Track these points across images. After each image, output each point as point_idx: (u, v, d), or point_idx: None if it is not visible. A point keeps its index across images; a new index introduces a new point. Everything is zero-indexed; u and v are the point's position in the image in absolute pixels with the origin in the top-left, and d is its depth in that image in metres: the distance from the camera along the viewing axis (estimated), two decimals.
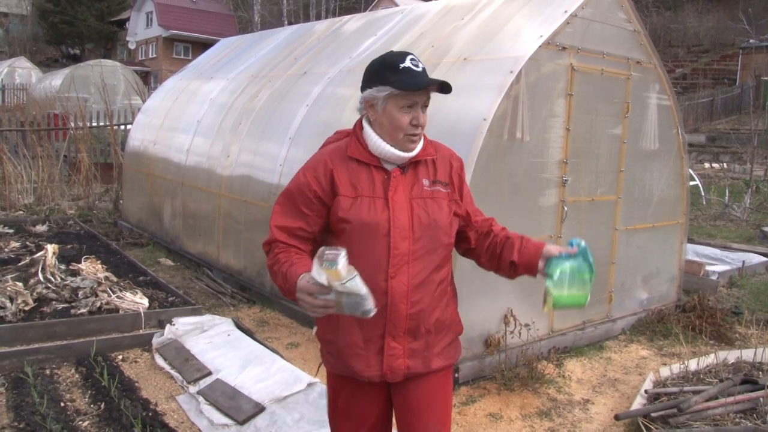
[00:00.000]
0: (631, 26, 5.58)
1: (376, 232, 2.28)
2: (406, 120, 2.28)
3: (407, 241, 2.29)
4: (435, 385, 2.44)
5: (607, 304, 5.77)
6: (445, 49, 5.47)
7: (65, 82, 23.59)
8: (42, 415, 3.86)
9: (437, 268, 2.37)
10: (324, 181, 2.34)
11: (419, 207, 2.33)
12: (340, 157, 2.38)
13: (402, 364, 2.34)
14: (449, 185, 2.43)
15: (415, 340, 2.35)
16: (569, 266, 2.30)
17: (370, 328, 2.31)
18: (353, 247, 2.26)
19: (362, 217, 2.29)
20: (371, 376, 2.36)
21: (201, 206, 7.54)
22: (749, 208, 12.36)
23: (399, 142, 2.31)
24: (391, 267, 2.28)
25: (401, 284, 2.29)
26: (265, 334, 5.47)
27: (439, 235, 2.36)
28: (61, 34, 46.33)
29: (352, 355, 2.37)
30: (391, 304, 2.29)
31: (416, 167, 2.38)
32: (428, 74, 2.30)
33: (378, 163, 2.36)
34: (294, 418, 3.90)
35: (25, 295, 5.45)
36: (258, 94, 7.27)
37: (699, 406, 3.96)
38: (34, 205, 10.73)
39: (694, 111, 27.66)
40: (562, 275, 2.30)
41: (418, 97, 2.28)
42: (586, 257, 2.30)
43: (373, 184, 2.33)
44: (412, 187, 2.35)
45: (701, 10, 37.98)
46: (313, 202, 2.34)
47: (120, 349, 5.01)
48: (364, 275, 2.13)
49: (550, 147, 5.04)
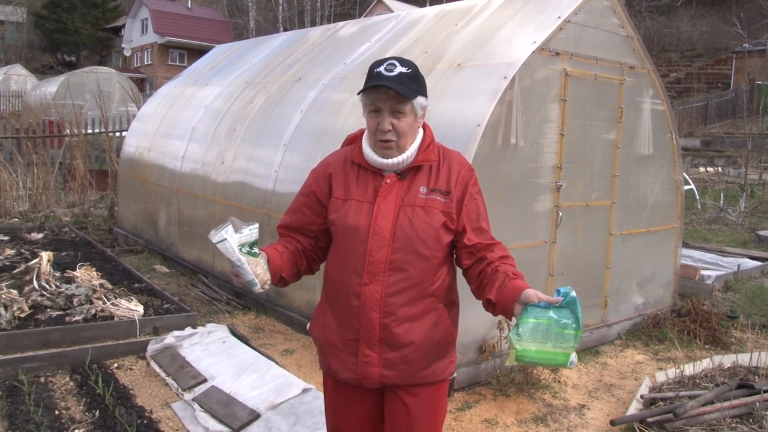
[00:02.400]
0: (625, 31, 5.60)
1: (356, 237, 2.28)
2: (373, 125, 2.28)
3: (384, 250, 2.25)
4: (423, 400, 2.38)
5: (603, 309, 5.78)
6: (439, 55, 5.48)
7: (61, 89, 23.59)
8: (36, 424, 3.84)
9: (423, 281, 2.29)
10: (323, 183, 2.41)
11: (405, 216, 2.27)
12: (342, 160, 2.42)
13: (376, 372, 2.31)
14: (449, 195, 2.32)
15: (391, 351, 2.30)
16: (545, 318, 2.05)
17: (347, 331, 2.33)
18: (339, 248, 2.36)
19: (347, 220, 2.31)
20: (347, 378, 2.37)
21: (196, 213, 7.53)
22: (744, 212, 12.40)
23: (375, 147, 2.31)
24: (365, 274, 2.26)
25: (374, 292, 2.26)
26: (261, 341, 5.46)
27: (420, 247, 2.26)
28: (56, 42, 46.31)
29: (331, 355, 2.41)
30: (363, 311, 2.27)
31: (416, 173, 2.33)
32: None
33: (375, 168, 2.34)
34: (289, 423, 3.90)
35: (19, 303, 5.43)
36: (253, 100, 7.27)
37: (695, 411, 3.96)
38: (29, 213, 10.70)
39: (688, 115, 27.75)
40: (534, 327, 2.05)
41: (381, 103, 2.23)
42: (575, 310, 2.04)
43: (367, 189, 2.33)
44: (406, 194, 2.30)
45: (695, 14, 38.15)
46: (313, 203, 2.43)
47: (115, 356, 4.99)
48: (342, 276, 2.33)
49: (545, 152, 5.05)
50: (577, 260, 5.44)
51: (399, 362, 2.31)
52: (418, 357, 2.32)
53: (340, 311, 2.35)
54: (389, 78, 2.20)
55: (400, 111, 2.24)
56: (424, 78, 2.36)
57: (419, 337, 2.31)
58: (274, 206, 6.09)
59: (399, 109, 2.24)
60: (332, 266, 2.42)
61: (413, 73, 2.27)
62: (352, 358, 2.33)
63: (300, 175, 5.89)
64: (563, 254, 5.29)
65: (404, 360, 2.31)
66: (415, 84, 2.26)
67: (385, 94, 2.22)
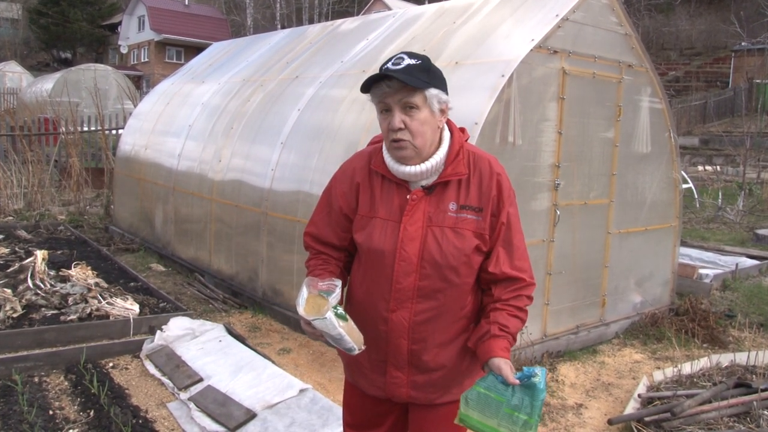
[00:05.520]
0: (623, 29, 5.58)
1: (382, 261, 2.11)
2: (384, 126, 2.08)
3: (412, 276, 2.08)
4: (448, 410, 2.20)
5: (601, 308, 5.76)
6: (437, 53, 5.45)
7: (57, 86, 23.55)
8: (30, 424, 3.81)
9: (453, 308, 2.14)
10: (351, 198, 2.22)
11: (434, 238, 2.07)
12: (368, 168, 2.22)
13: (404, 393, 2.21)
14: (482, 211, 2.10)
15: (420, 374, 2.18)
16: (496, 394, 1.94)
17: (375, 352, 2.19)
18: (364, 268, 2.20)
19: (371, 241, 2.13)
20: (375, 395, 2.29)
21: (192, 211, 7.50)
22: (742, 211, 12.40)
23: (389, 151, 2.12)
24: (392, 301, 2.11)
25: (402, 320, 2.12)
26: (257, 340, 5.43)
27: (450, 275, 2.08)
28: (52, 38, 46.12)
29: (357, 372, 2.32)
30: (391, 337, 2.15)
31: (445, 187, 2.11)
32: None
33: (400, 180, 2.13)
34: (285, 423, 3.88)
35: (13, 302, 5.40)
36: (250, 98, 7.24)
37: (692, 410, 3.95)
38: (24, 211, 10.65)
39: (686, 114, 27.79)
40: (483, 398, 1.95)
41: (389, 99, 2.03)
42: (533, 397, 1.90)
43: (392, 205, 2.13)
44: (434, 212, 2.09)
45: (693, 13, 38.16)
46: (341, 219, 2.26)
47: (110, 355, 4.96)
48: (369, 300, 2.15)
49: (543, 151, 5.03)
50: (575, 259, 5.42)
51: (428, 385, 2.20)
52: (447, 380, 2.20)
53: (367, 333, 2.13)
54: (395, 70, 1.99)
55: (410, 105, 2.01)
56: (441, 72, 2.13)
57: (450, 361, 2.19)
58: (270, 205, 6.06)
59: (409, 103, 2.01)
60: (357, 285, 2.26)
61: (423, 65, 2.05)
62: (381, 378, 2.23)
63: (297, 173, 5.86)
64: (561, 253, 5.28)
65: (432, 384, 2.20)
66: (426, 75, 2.03)
67: (391, 87, 2.00)
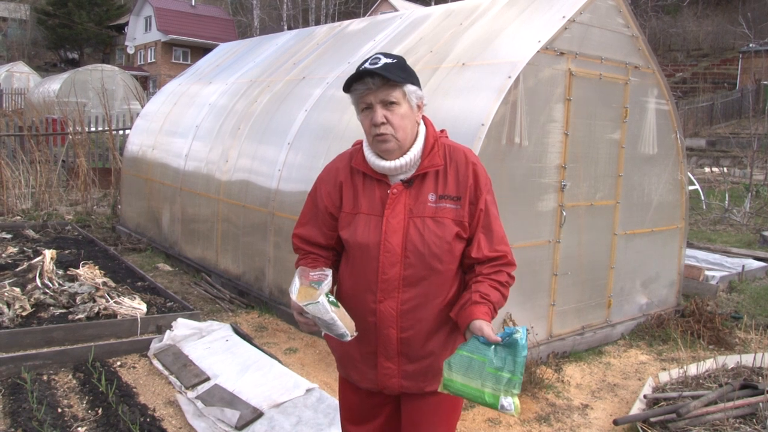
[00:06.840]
0: (629, 31, 5.58)
1: (368, 254, 2.20)
2: (367, 123, 2.17)
3: (397, 266, 2.17)
4: (440, 398, 2.30)
5: (606, 309, 5.76)
6: (444, 54, 5.47)
7: (64, 86, 23.64)
8: (39, 421, 3.84)
9: (438, 294, 2.22)
10: (335, 196, 2.31)
11: (415, 229, 2.16)
12: (350, 167, 2.32)
13: (396, 383, 2.28)
14: (460, 200, 2.21)
15: (410, 363, 2.26)
16: (479, 355, 1.98)
17: (365, 344, 2.27)
18: (352, 263, 2.29)
19: (356, 236, 2.22)
20: (368, 387, 2.35)
21: (199, 211, 7.53)
22: (749, 213, 12.36)
23: (373, 146, 2.21)
24: (379, 292, 2.19)
25: (389, 309, 2.20)
26: (264, 340, 5.46)
27: (433, 262, 2.18)
28: (59, 39, 46.33)
29: (349, 365, 2.38)
30: (380, 327, 2.22)
31: (423, 179, 2.21)
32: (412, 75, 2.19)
33: (380, 175, 2.24)
34: (292, 422, 3.90)
35: (22, 301, 5.43)
36: (257, 99, 7.27)
37: (698, 411, 3.95)
38: (32, 210, 10.71)
39: (694, 115, 27.69)
40: (466, 361, 1.99)
41: (370, 97, 2.12)
42: (515, 354, 1.94)
43: (373, 200, 2.23)
44: (414, 204, 2.19)
45: (700, 14, 38.05)
46: (327, 219, 2.34)
47: (118, 354, 5.00)
48: (357, 293, 2.24)
49: (549, 152, 5.04)
50: (580, 260, 5.43)
51: (418, 374, 2.26)
52: (436, 367, 2.24)
53: (356, 326, 2.21)
54: (376, 68, 2.08)
55: (391, 101, 2.11)
56: (413, 70, 2.23)
57: (438, 347, 2.26)
58: (277, 205, 6.09)
59: (390, 99, 2.11)
60: (345, 280, 2.33)
61: (400, 63, 2.16)
62: (372, 370, 2.30)
63: (304, 174, 5.88)
64: (567, 254, 5.28)
65: (423, 372, 2.26)
66: (403, 73, 2.14)
67: (372, 84, 2.10)
